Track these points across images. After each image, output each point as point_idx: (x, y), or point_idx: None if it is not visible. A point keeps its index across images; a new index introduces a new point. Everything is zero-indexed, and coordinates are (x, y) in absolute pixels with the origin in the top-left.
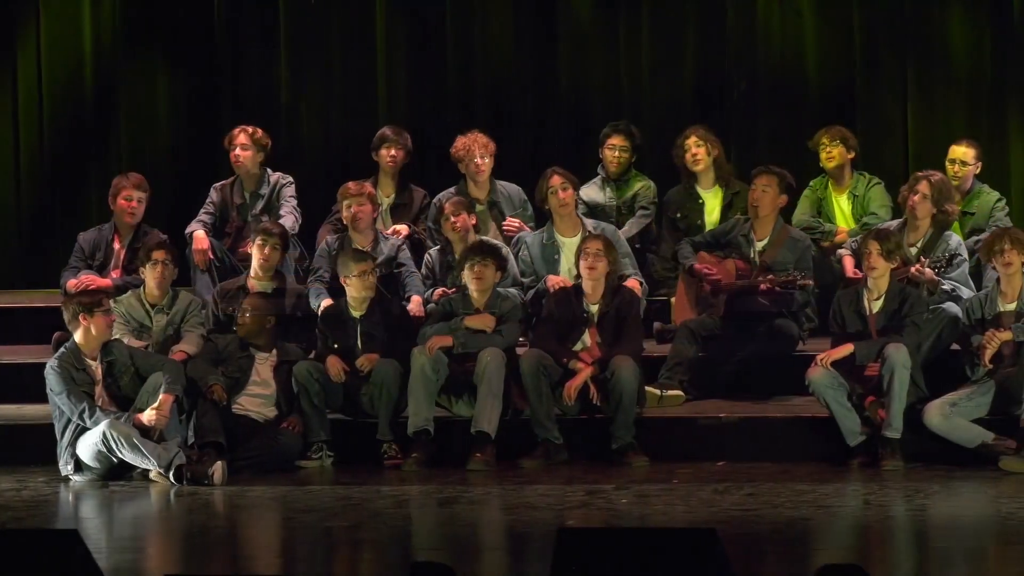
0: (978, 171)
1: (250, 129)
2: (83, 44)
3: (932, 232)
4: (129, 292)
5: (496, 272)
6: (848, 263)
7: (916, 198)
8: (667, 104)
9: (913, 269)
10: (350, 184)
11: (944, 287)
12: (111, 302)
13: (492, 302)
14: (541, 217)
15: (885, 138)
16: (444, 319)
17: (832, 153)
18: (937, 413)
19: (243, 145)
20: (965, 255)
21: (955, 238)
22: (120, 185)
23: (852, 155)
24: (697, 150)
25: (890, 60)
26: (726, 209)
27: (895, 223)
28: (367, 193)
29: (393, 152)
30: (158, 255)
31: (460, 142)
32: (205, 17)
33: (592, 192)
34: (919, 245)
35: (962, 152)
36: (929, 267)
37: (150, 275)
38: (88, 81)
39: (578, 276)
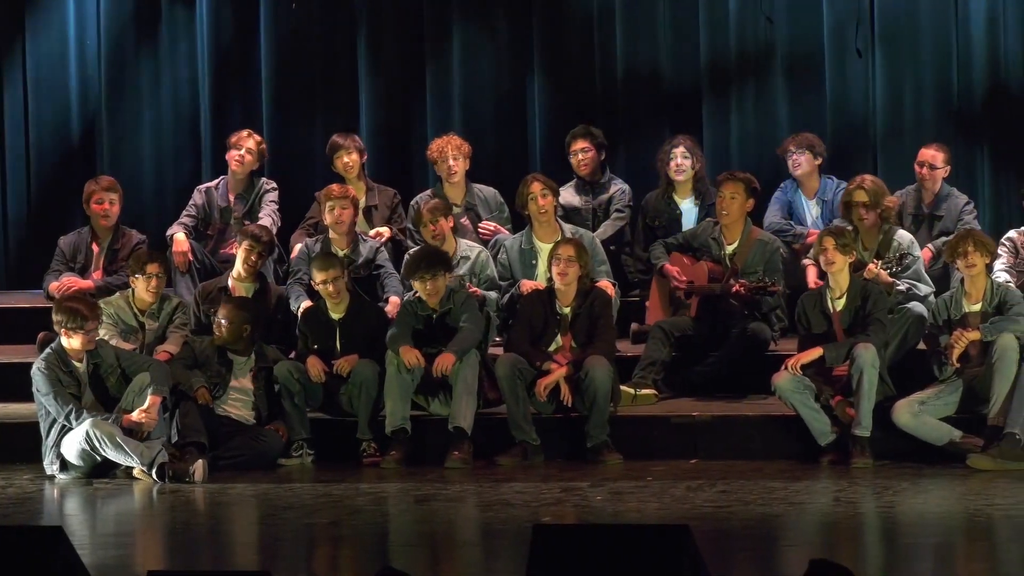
0: (947, 175)
1: (258, 137)
2: (68, 51)
3: (883, 232)
4: (117, 294)
5: (447, 275)
6: (811, 273)
7: (861, 211)
8: (640, 109)
9: (867, 270)
10: (334, 186)
11: (900, 287)
12: (99, 308)
13: (445, 300)
14: (517, 220)
15: (854, 141)
16: (409, 322)
17: (799, 161)
18: (906, 411)
19: (249, 150)
20: (917, 252)
21: (906, 236)
22: (91, 189)
23: (819, 161)
24: (683, 161)
25: (858, 63)
26: (701, 220)
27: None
28: (351, 196)
29: (346, 159)
30: (152, 268)
31: (435, 144)
32: (187, 22)
33: (568, 195)
34: (873, 248)
35: (931, 155)
36: (882, 268)
37: (142, 286)
38: (74, 89)
39: (551, 279)
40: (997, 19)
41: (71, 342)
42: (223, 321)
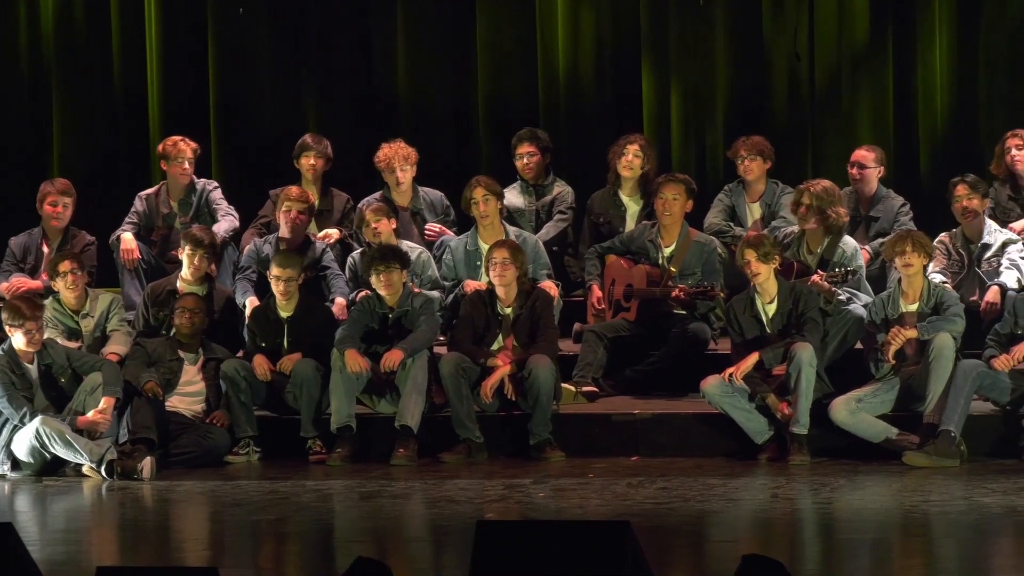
0: (881, 175)
1: (193, 144)
2: (19, 51)
3: (829, 239)
4: (50, 299)
5: (402, 272)
6: None
7: (802, 211)
8: (583, 112)
9: (812, 280)
10: (293, 189)
11: (840, 297)
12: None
13: (403, 300)
14: (463, 222)
15: (793, 145)
16: (363, 319)
17: (751, 166)
18: (843, 409)
19: (190, 160)
20: (861, 262)
21: (851, 244)
22: (46, 191)
23: (768, 166)
24: (634, 159)
25: (798, 67)
26: (644, 219)
27: (795, 231)
28: (310, 203)
29: (313, 160)
30: (64, 267)
31: (382, 152)
32: (137, 24)
33: (512, 197)
34: (818, 252)
35: (862, 156)
36: (827, 281)
37: (63, 286)
38: (25, 88)
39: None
40: None
41: (16, 340)
42: (187, 311)
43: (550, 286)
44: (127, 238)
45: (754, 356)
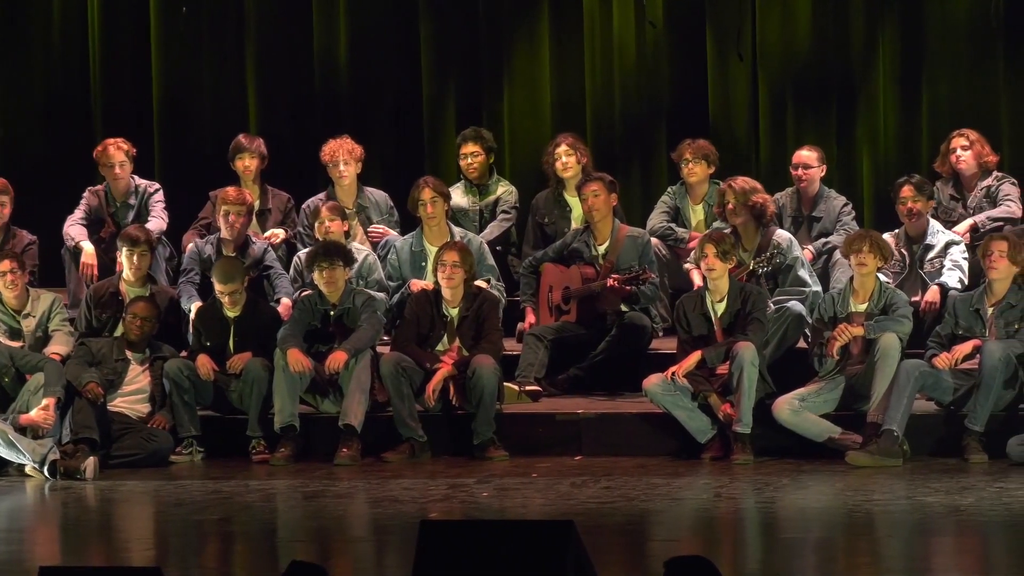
0: (823, 174)
1: (125, 146)
2: None
3: (760, 232)
4: None
5: (345, 269)
6: (696, 276)
7: (729, 207)
8: (527, 112)
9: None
10: (230, 191)
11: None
12: None
13: (345, 298)
14: (407, 223)
15: (738, 147)
16: (304, 318)
17: (694, 170)
18: (787, 407)
19: (121, 163)
20: (797, 252)
21: (785, 236)
22: None
23: (712, 170)
24: (568, 158)
25: (741, 69)
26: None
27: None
28: (247, 204)
29: (247, 162)
30: (3, 266)
31: (327, 147)
32: (79, 22)
33: (456, 196)
34: (752, 249)
35: (805, 156)
36: (755, 266)
37: (2, 286)
38: None
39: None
40: None
41: None
42: (138, 318)
43: (489, 287)
44: (88, 252)
45: (696, 355)
